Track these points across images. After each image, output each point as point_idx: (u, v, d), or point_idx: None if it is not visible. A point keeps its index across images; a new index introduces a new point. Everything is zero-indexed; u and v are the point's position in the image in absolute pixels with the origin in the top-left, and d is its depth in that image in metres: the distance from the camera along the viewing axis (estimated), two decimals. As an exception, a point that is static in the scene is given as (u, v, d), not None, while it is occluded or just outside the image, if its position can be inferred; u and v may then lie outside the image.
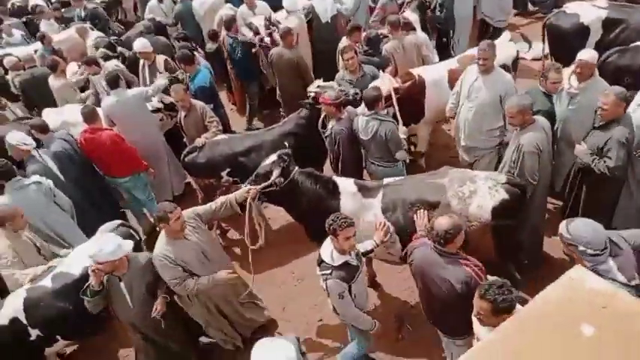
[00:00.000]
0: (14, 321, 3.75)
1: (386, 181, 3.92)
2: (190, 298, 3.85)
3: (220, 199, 3.88)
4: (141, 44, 6.27)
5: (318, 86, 5.04)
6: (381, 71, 5.38)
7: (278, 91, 6.59)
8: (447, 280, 2.88)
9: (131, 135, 5.42)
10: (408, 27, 5.94)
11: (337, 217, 3.08)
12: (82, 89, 6.66)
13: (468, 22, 7.19)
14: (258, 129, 6.40)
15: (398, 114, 4.81)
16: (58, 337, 3.94)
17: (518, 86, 5.93)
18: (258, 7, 7.61)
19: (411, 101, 5.09)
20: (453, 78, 5.21)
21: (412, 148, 5.87)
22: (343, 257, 3.13)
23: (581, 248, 2.61)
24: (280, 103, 6.75)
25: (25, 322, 3.76)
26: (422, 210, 3.43)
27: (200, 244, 3.65)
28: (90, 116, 5.16)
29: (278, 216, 5.57)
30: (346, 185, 3.90)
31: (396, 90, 4.93)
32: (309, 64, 6.94)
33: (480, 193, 3.53)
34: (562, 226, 2.75)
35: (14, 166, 4.53)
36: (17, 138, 4.75)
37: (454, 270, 2.88)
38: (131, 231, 4.37)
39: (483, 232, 3.56)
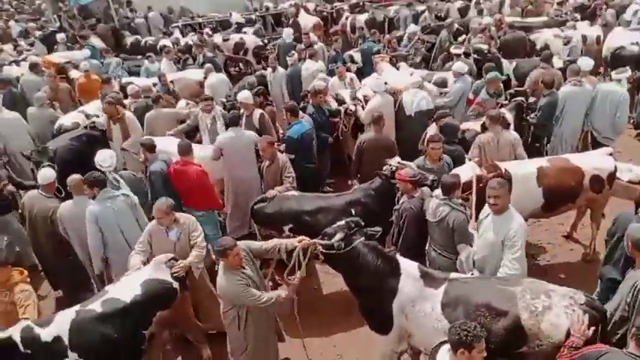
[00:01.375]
0: (57, 340, 3.64)
1: (453, 275, 3.70)
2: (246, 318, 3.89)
3: (273, 241, 4.04)
4: (244, 96, 6.90)
5: (399, 162, 5.06)
6: (467, 159, 5.30)
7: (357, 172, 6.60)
8: None
9: (235, 167, 6.16)
10: (505, 123, 5.88)
11: (472, 328, 2.63)
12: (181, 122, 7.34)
13: (572, 136, 6.91)
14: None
15: (474, 205, 4.63)
16: None
17: (609, 206, 5.60)
18: (348, 78, 8.28)
19: None
20: (542, 176, 5.03)
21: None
22: None
23: None
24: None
25: (66, 343, 3.66)
26: (580, 312, 3.09)
27: (252, 275, 3.82)
28: (185, 149, 5.59)
29: (332, 282, 5.46)
30: (409, 268, 3.72)
31: (478, 179, 4.79)
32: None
33: (554, 310, 3.18)
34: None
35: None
36: (98, 158, 5.15)
37: None
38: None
39: (552, 354, 3.17)
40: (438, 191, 4.42)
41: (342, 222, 3.93)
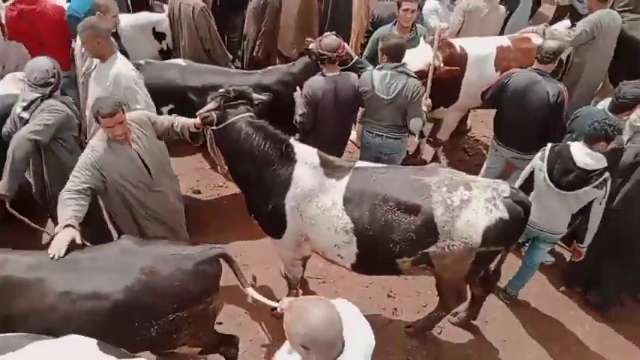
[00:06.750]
0: None
1: (359, 163, 2.98)
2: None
3: (174, 118, 3.14)
4: None
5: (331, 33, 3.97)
6: (421, 38, 4.29)
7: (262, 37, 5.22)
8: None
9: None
10: None
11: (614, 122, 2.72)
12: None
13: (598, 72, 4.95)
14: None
15: (428, 93, 3.84)
16: None
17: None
18: None
19: (445, 80, 4.03)
20: (500, 58, 4.29)
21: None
22: None
23: None
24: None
25: None
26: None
27: (144, 153, 2.93)
28: None
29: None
30: (307, 153, 2.93)
31: (435, 69, 3.89)
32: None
33: (472, 205, 2.68)
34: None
35: None
36: None
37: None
38: None
39: (464, 256, 2.74)
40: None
41: (222, 89, 3.02)
